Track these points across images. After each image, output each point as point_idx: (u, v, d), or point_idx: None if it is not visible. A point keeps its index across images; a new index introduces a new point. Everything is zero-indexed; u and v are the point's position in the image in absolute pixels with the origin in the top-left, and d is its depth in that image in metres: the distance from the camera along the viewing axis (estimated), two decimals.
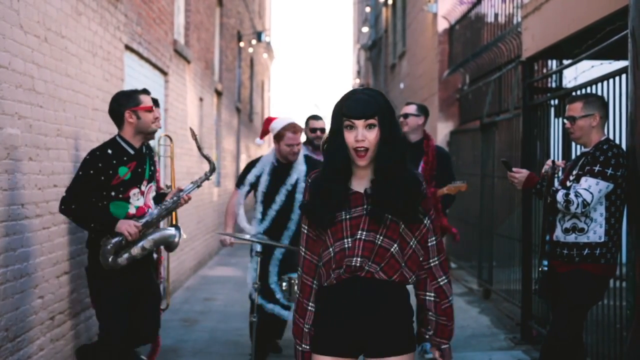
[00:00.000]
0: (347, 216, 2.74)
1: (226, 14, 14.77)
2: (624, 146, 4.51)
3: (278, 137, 5.59)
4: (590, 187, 4.24)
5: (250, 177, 5.68)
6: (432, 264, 2.84)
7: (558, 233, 4.46)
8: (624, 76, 4.78)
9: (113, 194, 4.47)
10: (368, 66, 27.93)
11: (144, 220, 4.48)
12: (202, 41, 11.66)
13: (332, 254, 2.75)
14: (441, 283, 2.84)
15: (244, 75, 18.32)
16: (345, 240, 2.73)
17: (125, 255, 4.45)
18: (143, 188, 4.58)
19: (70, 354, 5.36)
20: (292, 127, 5.57)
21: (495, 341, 6.67)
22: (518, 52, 7.82)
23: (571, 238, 4.38)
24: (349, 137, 2.69)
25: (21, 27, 4.48)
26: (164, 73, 8.89)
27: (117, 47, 6.58)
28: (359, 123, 2.67)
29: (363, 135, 2.67)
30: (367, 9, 25.57)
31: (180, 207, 4.69)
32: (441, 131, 11.83)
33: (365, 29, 26.41)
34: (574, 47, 6.23)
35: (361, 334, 2.74)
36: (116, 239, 4.41)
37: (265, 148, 19.08)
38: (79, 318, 5.56)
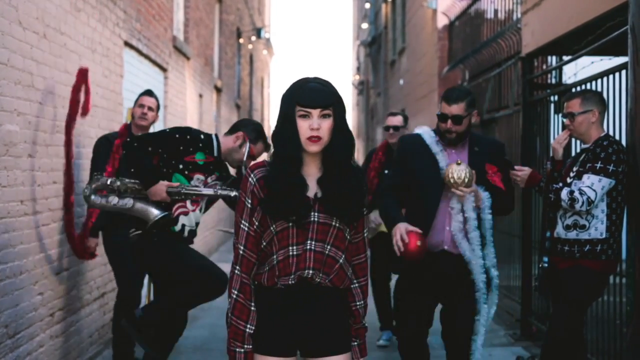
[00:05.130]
0: (295, 224, 2.66)
1: (226, 11, 14.75)
2: (623, 142, 4.51)
3: None
4: (593, 185, 4.24)
5: None
6: (365, 258, 2.82)
7: (559, 230, 4.45)
8: (623, 72, 4.78)
9: (181, 166, 4.50)
10: (368, 62, 27.92)
11: (174, 187, 4.46)
12: (201, 38, 11.65)
13: (275, 261, 2.67)
14: (363, 283, 2.82)
15: (243, 72, 18.31)
16: (291, 248, 2.66)
17: (101, 199, 4.52)
18: (209, 180, 4.62)
19: (69, 351, 5.36)
20: None
21: (495, 337, 6.67)
22: (518, 48, 7.81)
23: (572, 235, 4.38)
24: (303, 125, 2.61)
25: (20, 23, 4.47)
26: (164, 69, 8.88)
27: (116, 44, 6.57)
28: (315, 112, 2.61)
29: (318, 124, 2.61)
30: (367, 5, 25.56)
31: (200, 198, 4.64)
32: None
33: (364, 25, 26.40)
34: (574, 43, 6.22)
35: (302, 333, 2.71)
36: (106, 180, 4.51)
37: None
38: (79, 315, 5.56)
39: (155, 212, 4.45)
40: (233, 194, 4.51)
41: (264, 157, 4.21)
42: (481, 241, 4.12)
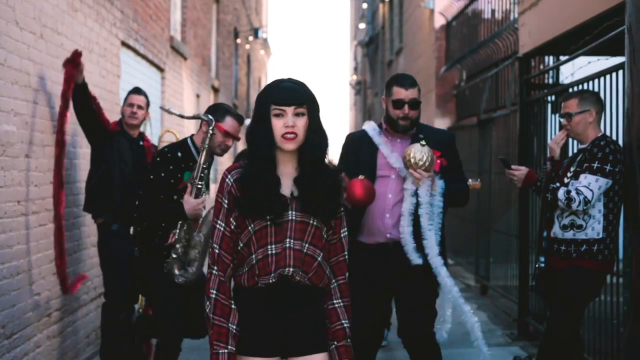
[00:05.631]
0: (272, 222, 2.67)
1: (223, 11, 14.75)
2: (620, 142, 4.51)
3: None
4: (590, 185, 4.24)
5: None
6: (344, 258, 2.81)
7: (556, 229, 4.46)
8: (620, 72, 4.78)
9: (175, 197, 4.32)
10: (365, 62, 27.92)
11: (201, 199, 4.28)
12: (198, 38, 11.64)
13: (254, 261, 2.68)
14: (342, 282, 2.80)
15: (240, 72, 18.31)
16: (270, 247, 2.67)
17: (192, 267, 4.32)
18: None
19: (66, 351, 5.35)
20: None
21: (492, 337, 6.67)
22: (515, 49, 7.82)
23: (569, 235, 4.38)
24: (278, 124, 2.64)
25: (17, 23, 4.46)
26: (161, 70, 8.88)
27: (113, 44, 6.57)
28: (289, 110, 2.64)
29: (293, 121, 2.64)
30: (364, 5, 25.56)
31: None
32: (438, 126, 11.82)
33: (362, 25, 26.39)
34: (571, 43, 6.23)
35: (283, 332, 2.71)
36: (172, 257, 4.27)
37: None
38: (75, 315, 5.56)
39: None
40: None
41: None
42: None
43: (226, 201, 2.70)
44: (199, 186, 4.26)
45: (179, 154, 4.33)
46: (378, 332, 4.27)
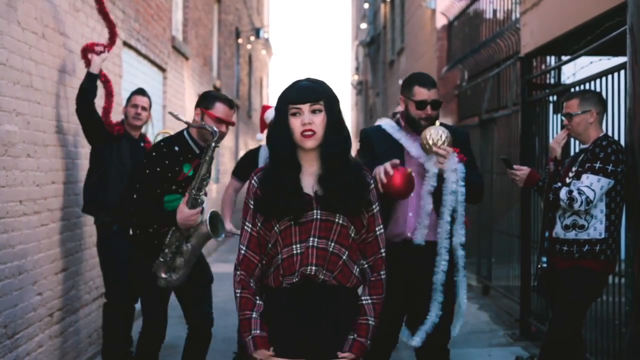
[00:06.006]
0: (295, 221, 2.68)
1: (224, 11, 14.75)
2: (622, 142, 4.51)
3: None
4: (592, 185, 4.24)
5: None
6: (381, 255, 2.78)
7: (558, 230, 4.45)
8: (622, 72, 4.78)
9: (174, 187, 4.27)
10: (366, 62, 27.92)
11: (196, 210, 4.21)
12: (200, 38, 11.65)
13: (280, 261, 2.69)
14: (383, 277, 2.78)
15: (242, 72, 18.31)
16: (294, 247, 2.68)
17: (176, 273, 4.28)
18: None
19: (68, 351, 5.36)
20: None
21: (494, 337, 6.68)
22: (517, 48, 7.81)
23: (571, 235, 4.38)
24: (296, 122, 2.65)
25: (19, 23, 4.47)
26: (162, 70, 8.88)
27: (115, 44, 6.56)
28: (305, 108, 2.65)
29: (310, 118, 2.64)
30: (366, 5, 25.56)
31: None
32: None
33: (363, 26, 26.39)
34: (573, 43, 6.23)
35: (311, 337, 2.70)
36: (158, 260, 4.24)
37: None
38: (77, 315, 5.56)
39: (206, 231, 4.27)
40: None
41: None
42: (451, 218, 3.91)
43: (252, 202, 2.73)
44: (196, 197, 4.19)
45: (176, 148, 4.25)
46: (396, 330, 4.12)
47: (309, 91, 2.67)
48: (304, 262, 2.67)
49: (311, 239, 2.68)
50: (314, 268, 2.67)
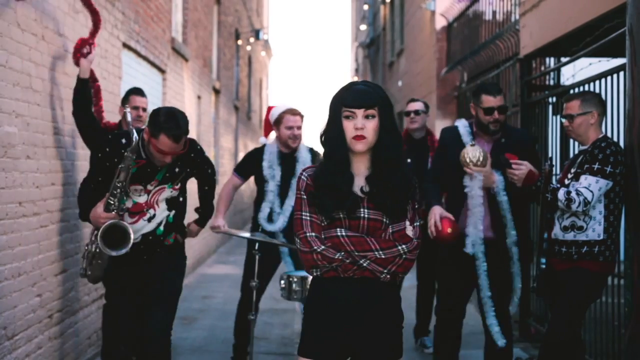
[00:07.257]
0: (346, 219, 2.74)
1: (224, 12, 14.76)
2: (621, 144, 4.52)
3: (277, 123, 5.49)
4: (591, 186, 4.24)
5: (263, 169, 5.49)
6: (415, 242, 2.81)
7: (556, 231, 4.46)
8: (621, 74, 4.79)
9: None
10: (366, 64, 27.92)
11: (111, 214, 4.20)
12: (199, 39, 11.65)
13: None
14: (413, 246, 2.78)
15: (242, 73, 18.31)
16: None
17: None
18: (150, 187, 4.31)
19: (68, 352, 5.36)
20: (291, 110, 5.48)
21: None
22: (516, 50, 7.82)
23: (570, 236, 4.38)
24: (348, 126, 2.71)
25: (18, 25, 4.47)
26: (162, 71, 8.88)
27: (114, 45, 6.57)
28: (359, 112, 2.70)
29: (362, 123, 2.69)
30: (365, 7, 25.56)
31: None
32: (439, 129, 11.81)
33: (363, 27, 26.39)
34: (572, 44, 6.23)
35: (351, 338, 2.75)
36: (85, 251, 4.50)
37: None
38: (77, 316, 5.56)
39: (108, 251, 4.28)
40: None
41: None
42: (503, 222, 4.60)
43: (304, 196, 2.77)
44: (110, 201, 4.20)
45: (123, 141, 4.24)
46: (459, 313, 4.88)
47: (365, 96, 2.71)
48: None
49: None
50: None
